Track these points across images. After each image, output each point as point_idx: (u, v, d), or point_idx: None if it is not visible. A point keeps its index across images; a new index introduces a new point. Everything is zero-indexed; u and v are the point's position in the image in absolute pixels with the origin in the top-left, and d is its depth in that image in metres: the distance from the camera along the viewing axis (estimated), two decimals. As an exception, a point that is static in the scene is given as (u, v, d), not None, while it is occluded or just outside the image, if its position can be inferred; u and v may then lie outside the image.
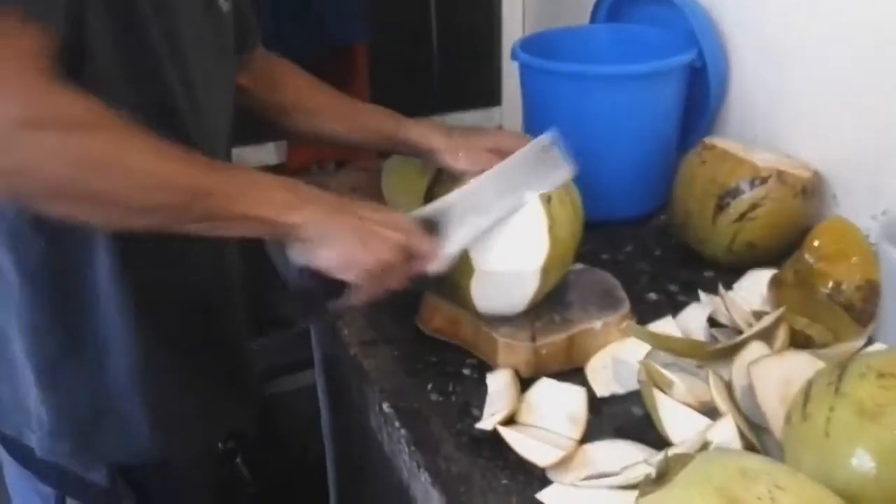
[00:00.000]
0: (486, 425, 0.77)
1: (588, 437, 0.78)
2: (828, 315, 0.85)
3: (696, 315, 0.93)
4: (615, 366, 0.87)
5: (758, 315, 0.88)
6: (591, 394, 0.84)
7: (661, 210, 1.20)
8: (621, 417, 0.81)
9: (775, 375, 0.75)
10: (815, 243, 0.90)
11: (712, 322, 0.92)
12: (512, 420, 0.80)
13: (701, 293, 0.97)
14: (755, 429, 0.75)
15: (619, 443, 0.77)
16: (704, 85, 1.19)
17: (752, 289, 0.96)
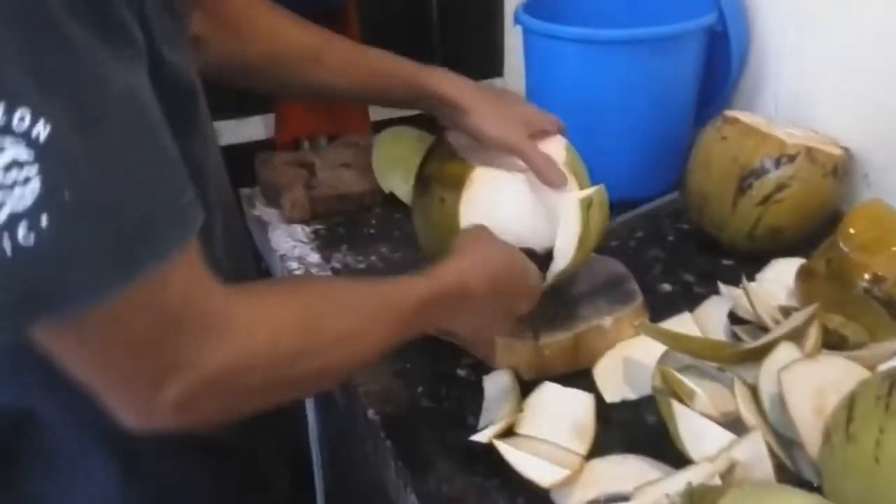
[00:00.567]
0: (481, 438, 0.69)
1: (596, 450, 0.70)
2: (865, 312, 0.76)
3: (716, 309, 0.85)
4: (626, 368, 0.78)
5: (785, 311, 0.79)
6: (600, 399, 0.75)
7: (674, 190, 1.10)
8: (633, 427, 0.73)
9: (808, 383, 0.67)
10: (851, 230, 0.81)
11: (734, 318, 0.83)
12: (511, 431, 0.71)
13: (720, 285, 0.88)
14: (785, 443, 0.67)
15: (630, 458, 0.69)
16: (724, 51, 1.09)
17: (777, 280, 0.87)
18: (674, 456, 0.67)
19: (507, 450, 0.67)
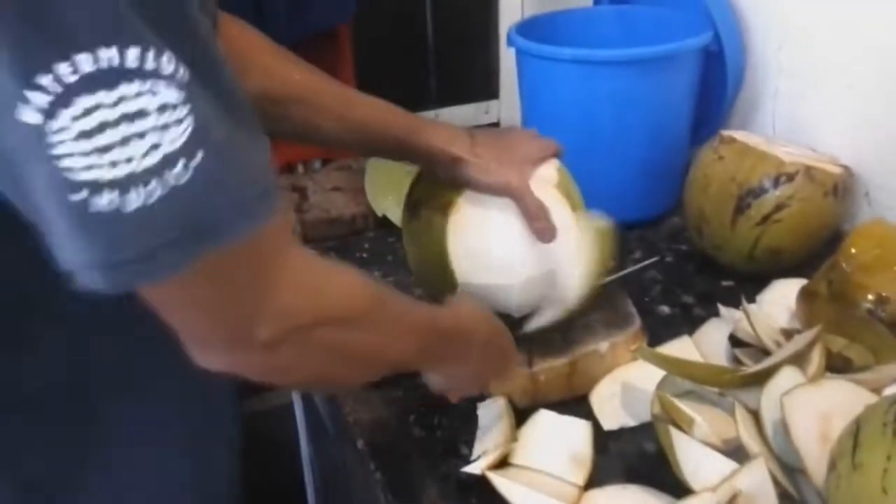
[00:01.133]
0: (474, 469, 0.66)
1: (594, 480, 0.67)
2: (869, 333, 0.74)
3: (716, 332, 0.83)
4: (624, 394, 0.76)
5: (787, 333, 0.77)
6: (597, 426, 0.73)
7: (673, 211, 1.09)
8: (632, 455, 0.71)
9: (812, 409, 0.64)
10: (853, 250, 0.79)
11: (734, 340, 0.81)
12: (505, 461, 0.69)
13: (720, 306, 0.86)
14: (789, 471, 0.64)
15: (629, 488, 0.67)
16: (721, 71, 1.08)
17: (778, 302, 0.85)
18: (675, 485, 0.65)
19: (501, 482, 0.65)
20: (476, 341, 0.67)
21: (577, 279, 0.78)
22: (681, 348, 0.80)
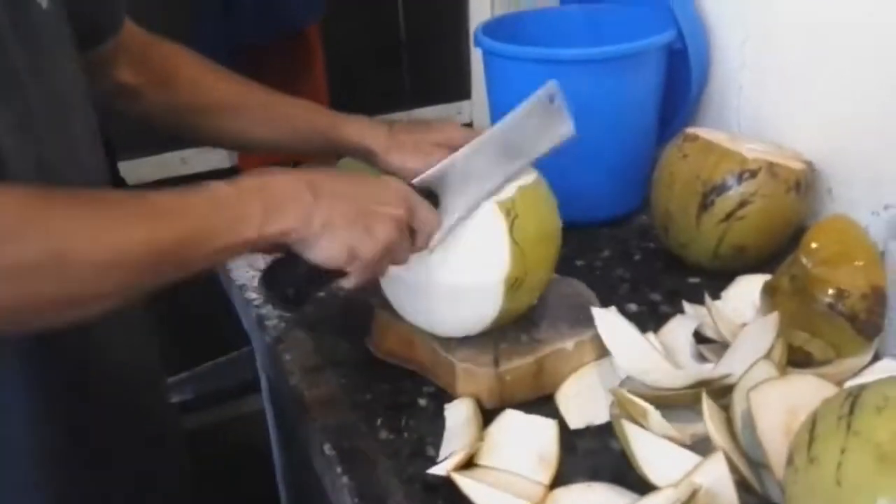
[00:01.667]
0: (439, 470, 0.67)
1: (560, 479, 0.68)
2: (829, 328, 0.75)
3: (681, 329, 0.83)
4: (590, 392, 0.76)
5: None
6: (563, 425, 0.73)
7: (641, 209, 1.10)
8: (598, 454, 0.71)
9: (778, 403, 0.65)
10: (813, 245, 0.79)
11: (699, 337, 0.81)
12: (472, 461, 0.69)
13: (685, 304, 0.86)
14: (754, 466, 0.65)
15: (595, 486, 0.67)
16: (685, 69, 1.09)
17: (743, 297, 0.86)
18: (640, 483, 0.65)
19: (466, 483, 0.65)
20: (282, 189, 0.62)
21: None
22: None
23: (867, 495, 0.51)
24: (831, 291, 0.76)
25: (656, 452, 0.65)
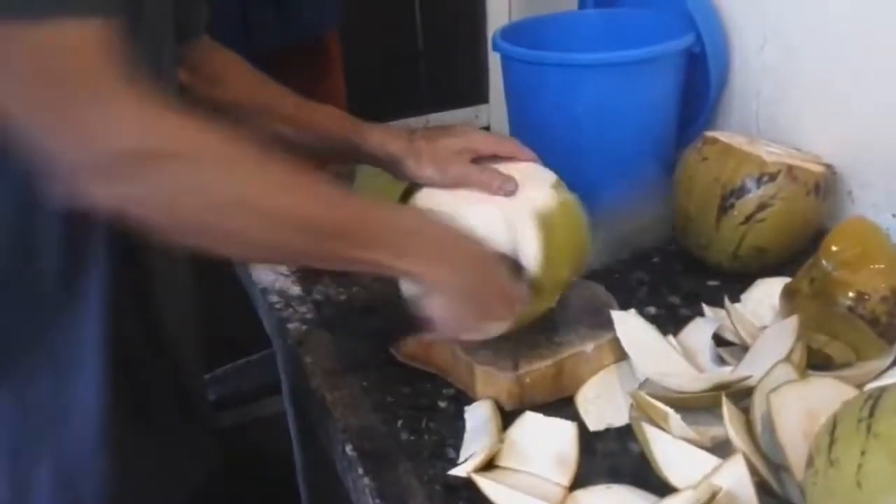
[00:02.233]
0: (460, 472, 0.67)
1: (579, 481, 0.68)
2: (849, 331, 0.75)
3: (701, 332, 0.83)
4: (609, 395, 0.77)
5: (770, 331, 0.78)
6: (583, 427, 0.74)
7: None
8: (617, 456, 0.71)
9: (798, 406, 0.65)
10: (833, 248, 0.79)
11: (719, 340, 0.81)
12: (492, 463, 0.70)
13: (705, 306, 0.87)
14: (774, 468, 0.65)
15: (614, 488, 0.67)
16: (704, 72, 1.09)
17: (763, 300, 0.86)
18: (659, 484, 0.66)
19: (487, 484, 0.65)
20: (431, 240, 0.67)
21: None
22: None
23: (887, 497, 0.51)
24: (851, 294, 0.76)
25: (676, 455, 0.65)
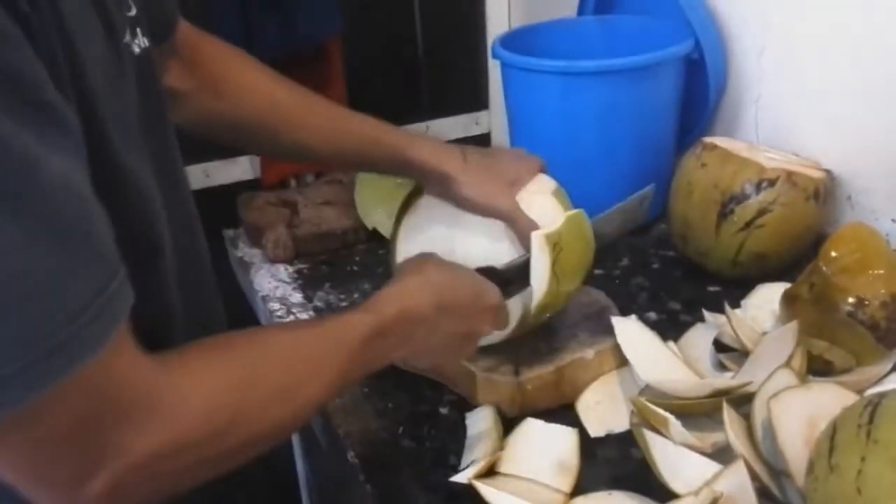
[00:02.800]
0: (461, 478, 0.67)
1: (580, 487, 0.68)
2: (849, 336, 0.75)
3: (701, 338, 0.84)
4: (611, 401, 0.77)
5: (770, 337, 0.78)
6: (584, 433, 0.74)
7: (659, 218, 1.10)
8: (618, 462, 0.72)
9: (799, 412, 0.65)
10: (833, 253, 0.80)
11: (719, 346, 0.82)
12: (493, 470, 0.70)
13: (705, 312, 0.87)
14: (775, 474, 0.65)
15: (615, 494, 0.67)
16: (703, 79, 1.09)
17: (763, 306, 0.86)
18: (660, 490, 0.66)
19: (487, 490, 0.66)
20: (423, 312, 0.63)
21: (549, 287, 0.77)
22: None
23: (888, 503, 0.51)
24: (851, 300, 0.76)
25: (677, 460, 0.65)
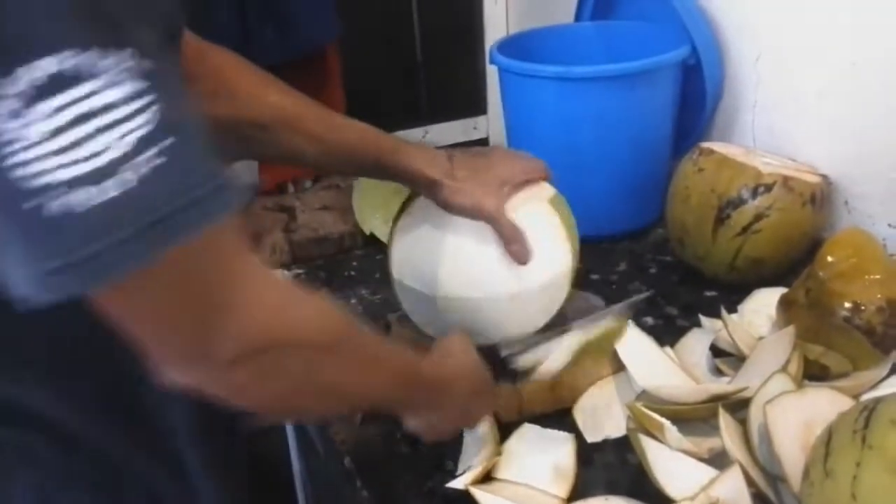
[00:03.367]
0: (457, 484, 0.68)
1: (577, 493, 0.68)
2: (845, 341, 0.75)
3: (698, 343, 0.84)
4: (607, 406, 0.77)
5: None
6: (581, 439, 0.74)
7: (657, 223, 1.10)
8: (615, 468, 0.71)
9: (795, 417, 0.65)
10: (829, 258, 0.80)
11: (716, 350, 0.82)
12: (490, 475, 0.70)
13: (702, 317, 0.87)
14: (771, 479, 0.65)
15: (612, 500, 0.67)
16: (699, 84, 1.09)
17: (759, 311, 0.86)
18: (657, 496, 0.66)
19: (484, 496, 0.66)
20: (458, 393, 0.68)
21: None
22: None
23: (883, 509, 0.51)
24: (847, 305, 0.76)
25: (673, 466, 0.65)
